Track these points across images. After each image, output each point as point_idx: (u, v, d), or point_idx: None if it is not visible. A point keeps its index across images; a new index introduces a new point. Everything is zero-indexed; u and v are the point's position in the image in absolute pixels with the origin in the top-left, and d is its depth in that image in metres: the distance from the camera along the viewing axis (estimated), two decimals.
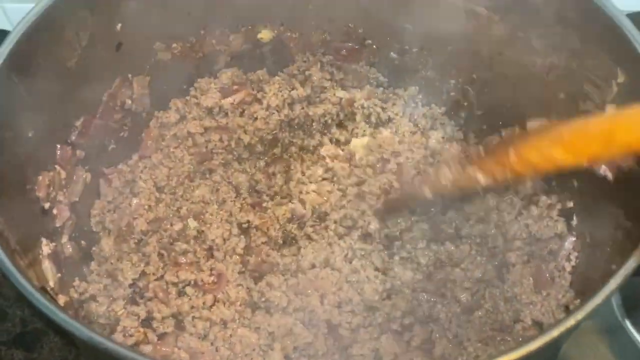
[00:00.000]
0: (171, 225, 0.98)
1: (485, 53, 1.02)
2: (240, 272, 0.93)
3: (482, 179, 0.73)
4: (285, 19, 1.08)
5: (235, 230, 0.97)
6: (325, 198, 1.01)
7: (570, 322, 0.64)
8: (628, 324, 0.97)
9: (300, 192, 1.02)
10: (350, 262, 0.95)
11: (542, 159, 0.67)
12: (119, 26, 0.94)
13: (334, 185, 1.03)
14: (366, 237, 0.98)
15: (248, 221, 0.99)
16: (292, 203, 1.01)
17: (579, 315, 0.65)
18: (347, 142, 1.09)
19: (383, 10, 1.05)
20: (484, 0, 0.95)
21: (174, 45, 1.04)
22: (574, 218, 0.95)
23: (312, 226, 0.99)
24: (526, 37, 0.94)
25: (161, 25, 1.00)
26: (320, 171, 1.05)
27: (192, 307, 0.90)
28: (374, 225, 0.98)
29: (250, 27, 1.08)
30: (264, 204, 1.01)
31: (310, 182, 1.03)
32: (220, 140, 1.07)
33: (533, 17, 0.90)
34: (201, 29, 1.05)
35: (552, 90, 0.93)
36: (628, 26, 0.78)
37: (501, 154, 0.75)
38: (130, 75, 1.01)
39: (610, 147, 0.62)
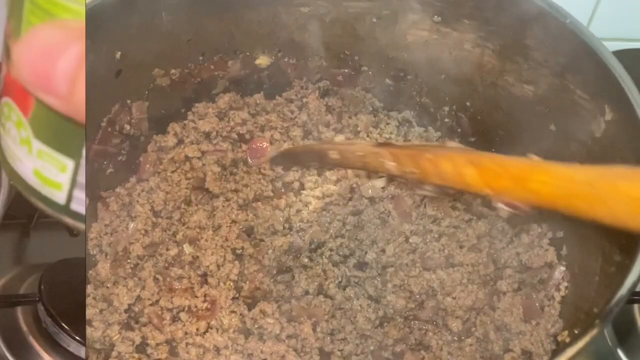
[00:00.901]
0: (167, 250, 0.98)
1: (478, 82, 1.03)
2: (233, 299, 0.93)
3: (390, 165, 0.71)
4: (283, 45, 1.09)
5: (229, 256, 0.97)
6: (326, 227, 1.01)
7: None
8: (620, 353, 0.98)
9: (301, 221, 1.02)
10: (344, 290, 0.95)
11: (453, 171, 0.68)
12: (118, 54, 0.95)
13: (332, 214, 1.03)
14: (362, 265, 0.98)
15: (242, 247, 0.99)
16: (291, 235, 1.00)
17: (573, 349, 0.66)
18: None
19: (379, 39, 1.06)
20: (476, 34, 0.97)
21: (173, 71, 1.05)
22: (564, 248, 0.95)
23: (307, 256, 0.98)
24: (518, 69, 0.96)
25: (160, 53, 1.01)
26: (317, 200, 1.05)
27: (186, 333, 0.90)
28: (370, 255, 0.98)
29: (248, 53, 1.09)
30: (260, 235, 1.01)
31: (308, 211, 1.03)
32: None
33: (524, 53, 0.92)
34: (200, 56, 1.06)
35: (542, 121, 0.95)
36: (614, 64, 0.79)
37: (417, 151, 0.75)
38: (129, 101, 1.02)
39: (517, 190, 0.63)
